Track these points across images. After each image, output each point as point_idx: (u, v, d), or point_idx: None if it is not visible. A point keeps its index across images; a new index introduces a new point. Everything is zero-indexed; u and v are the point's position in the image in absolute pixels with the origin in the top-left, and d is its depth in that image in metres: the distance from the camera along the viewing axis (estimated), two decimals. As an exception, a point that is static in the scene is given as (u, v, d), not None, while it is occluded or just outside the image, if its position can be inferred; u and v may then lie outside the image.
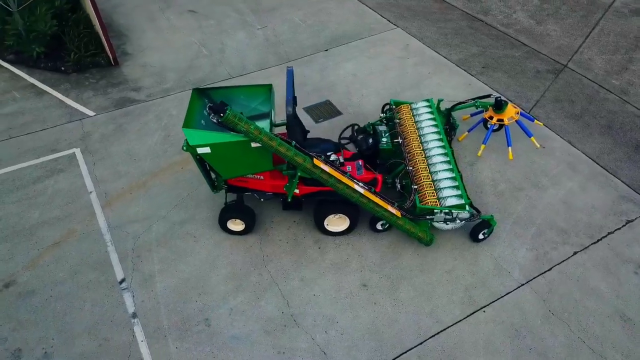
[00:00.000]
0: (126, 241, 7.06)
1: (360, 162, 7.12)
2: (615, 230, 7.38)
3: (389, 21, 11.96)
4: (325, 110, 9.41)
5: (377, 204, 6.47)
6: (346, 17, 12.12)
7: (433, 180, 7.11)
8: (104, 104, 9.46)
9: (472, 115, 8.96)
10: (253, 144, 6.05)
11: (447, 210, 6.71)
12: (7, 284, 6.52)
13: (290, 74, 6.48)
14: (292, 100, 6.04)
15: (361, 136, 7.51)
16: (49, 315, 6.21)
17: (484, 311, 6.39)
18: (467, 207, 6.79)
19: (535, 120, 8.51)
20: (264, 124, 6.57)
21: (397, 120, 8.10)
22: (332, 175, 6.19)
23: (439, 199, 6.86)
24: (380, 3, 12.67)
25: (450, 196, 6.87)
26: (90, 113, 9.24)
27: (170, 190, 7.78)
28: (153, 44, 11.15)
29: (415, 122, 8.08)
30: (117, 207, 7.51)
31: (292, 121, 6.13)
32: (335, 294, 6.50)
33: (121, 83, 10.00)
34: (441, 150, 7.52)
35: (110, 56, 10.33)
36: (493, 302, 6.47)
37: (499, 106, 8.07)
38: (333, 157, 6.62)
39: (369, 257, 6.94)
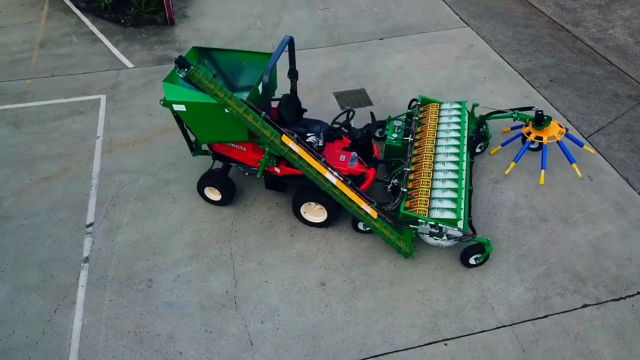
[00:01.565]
0: (109, 189, 7.08)
1: (355, 153, 6.50)
2: (649, 291, 6.03)
3: (461, 18, 10.95)
4: (355, 98, 8.80)
5: (350, 198, 5.82)
6: (415, 9, 11.31)
7: (431, 188, 6.28)
8: (145, 59, 9.66)
9: (512, 128, 7.87)
10: (227, 109, 5.70)
11: (433, 223, 5.88)
12: (-10, 205, 6.85)
13: (284, 45, 6.01)
14: (270, 69, 5.58)
15: (368, 124, 6.84)
16: (13, 242, 6.39)
17: (446, 344, 5.50)
18: (459, 225, 5.90)
19: (585, 146, 7.22)
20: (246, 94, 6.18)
21: (416, 118, 7.30)
22: (302, 157, 5.66)
23: (430, 208, 6.04)
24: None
25: (443, 208, 6.01)
26: (130, 65, 9.48)
27: (170, 149, 7.70)
28: (213, 10, 11.21)
29: (438, 123, 7.24)
30: (115, 156, 7.58)
31: (267, 92, 5.66)
32: (288, 286, 5.98)
33: (169, 42, 10.17)
34: (454, 158, 6.64)
35: (167, 15, 10.54)
36: (460, 336, 5.56)
37: (539, 121, 6.96)
38: (311, 139, 6.06)
39: (340, 257, 6.31)
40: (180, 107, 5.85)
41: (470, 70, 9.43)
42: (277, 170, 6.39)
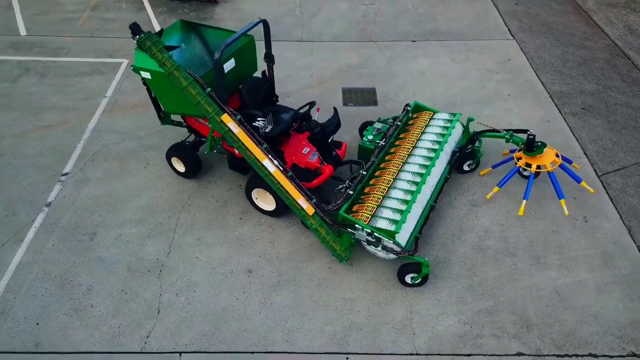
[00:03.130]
0: (95, 145, 7.50)
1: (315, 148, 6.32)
2: (605, 356, 5.26)
3: (509, 30, 10.18)
4: (362, 97, 8.53)
5: (287, 190, 5.67)
6: (463, 15, 10.68)
7: (384, 196, 5.94)
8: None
9: (511, 152, 7.19)
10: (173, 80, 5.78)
11: (369, 230, 5.56)
12: (-8, 142, 7.54)
13: (251, 25, 5.95)
14: (225, 47, 5.55)
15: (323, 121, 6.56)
16: (-3, 177, 7.00)
17: (347, 358, 5.20)
18: (397, 238, 5.54)
19: (583, 182, 6.39)
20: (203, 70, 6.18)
21: (398, 123, 6.93)
22: (240, 140, 5.59)
23: (373, 216, 5.73)
24: (516, 10, 10.84)
25: (385, 218, 5.67)
26: (157, 27, 9.92)
27: (164, 118, 7.97)
28: (258, -5, 11.40)
29: (423, 132, 6.83)
30: (113, 116, 8.00)
31: (218, 69, 5.63)
32: (215, 266, 5.98)
33: (206, 19, 10.50)
34: (421, 170, 6.23)
35: (211, -6, 10.89)
36: (366, 354, 5.22)
37: (530, 147, 6.29)
38: (259, 124, 5.95)
39: (278, 248, 6.18)
40: (147, 75, 6.02)
41: (496, 85, 8.74)
42: (237, 151, 6.38)
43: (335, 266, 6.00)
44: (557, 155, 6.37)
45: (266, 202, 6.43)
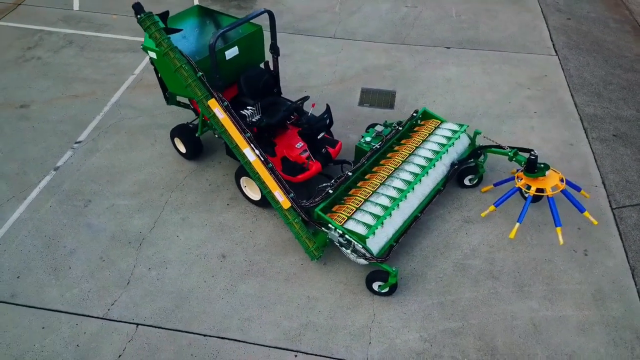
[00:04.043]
0: (112, 118, 7.87)
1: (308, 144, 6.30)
2: (570, 399, 4.89)
3: (553, 46, 9.61)
4: (380, 99, 8.38)
5: (264, 181, 5.68)
6: (508, 26, 10.20)
7: (367, 200, 5.84)
8: (215, 18, 10.32)
9: (518, 171, 6.81)
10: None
11: (341, 232, 5.49)
12: (22, 106, 8.08)
13: (253, 15, 5.99)
14: (220, 33, 5.62)
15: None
16: (18, 138, 7.50)
17: (296, 355, 5.16)
18: (368, 243, 5.42)
19: (586, 212, 5.94)
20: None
21: (400, 128, 6.75)
22: (224, 126, 5.67)
23: (350, 218, 5.64)
24: (567, 25, 10.21)
25: (360, 222, 5.57)
26: (200, 21, 10.23)
27: (181, 100, 8.24)
28: (303, -12, 11.45)
29: (425, 140, 6.63)
30: (135, 93, 8.36)
31: (213, 54, 5.72)
32: (192, 247, 6.11)
33: (244, 8, 10.70)
34: (411, 178, 6.06)
35: (256, -16, 11.07)
36: (315, 355, 5.16)
37: (531, 168, 5.93)
38: (247, 112, 5.99)
39: (257, 238, 6.23)
40: (153, 55, 6.24)
41: (523, 101, 8.30)
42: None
43: (307, 264, 5.96)
44: (561, 180, 5.97)
45: (253, 191, 6.49)
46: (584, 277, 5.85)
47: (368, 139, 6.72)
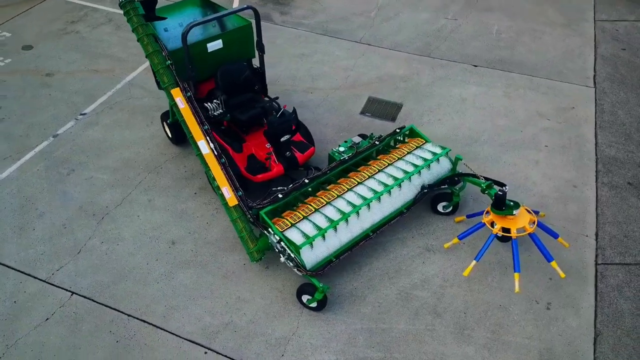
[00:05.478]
0: (121, 96, 8.26)
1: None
2: None
3: (594, 77, 8.77)
4: (383, 110, 8.11)
5: (214, 175, 5.69)
6: (549, 49, 9.44)
7: (317, 210, 5.69)
8: (250, 11, 10.46)
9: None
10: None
11: (279, 237, 5.39)
12: (47, 74, 8.70)
13: (236, 10, 6.01)
14: (193, 25, 5.69)
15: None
16: (35, 104, 8.09)
17: (206, 352, 5.15)
18: (302, 254, 5.29)
19: (554, 262, 5.38)
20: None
21: (377, 142, 6.49)
22: (182, 115, 5.74)
23: (293, 225, 5.53)
24: (618, 56, 9.27)
25: (301, 231, 5.44)
26: (234, 12, 10.43)
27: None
28: (346, -10, 11.31)
29: (400, 158, 6.33)
30: (150, 75, 8.66)
31: (184, 45, 5.81)
32: (147, 229, 6.28)
33: (280, 4, 10.75)
34: (369, 194, 5.82)
35: (298, -19, 11.10)
36: (225, 356, 5.11)
37: (498, 204, 5.48)
38: (210, 106, 6.01)
39: (211, 231, 6.28)
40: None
41: (537, 132, 7.66)
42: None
43: (250, 266, 5.91)
44: (532, 223, 5.45)
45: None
46: (537, 332, 5.31)
47: (342, 148, 6.53)
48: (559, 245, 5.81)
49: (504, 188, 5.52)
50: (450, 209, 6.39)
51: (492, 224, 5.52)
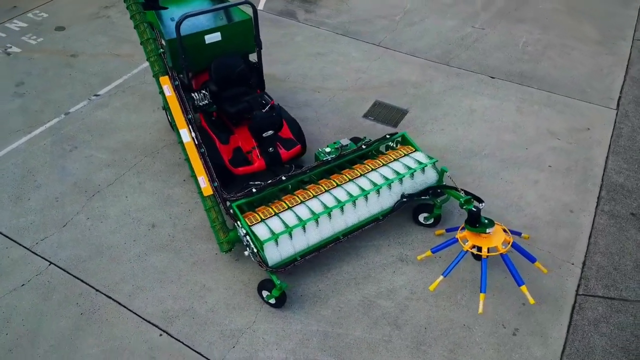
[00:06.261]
0: (135, 80, 8.56)
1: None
2: None
3: (619, 99, 8.30)
4: (387, 115, 7.99)
5: (192, 163, 5.80)
6: (576, 66, 9.01)
7: (290, 208, 5.71)
8: (275, 7, 10.60)
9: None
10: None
11: (246, 231, 5.46)
12: (72, 55, 9.14)
13: (229, 3, 6.08)
14: (185, 17, 5.82)
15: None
16: (55, 80, 8.53)
17: (161, 335, 5.27)
18: (265, 248, 5.33)
19: (524, 287, 5.14)
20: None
21: (363, 146, 6.43)
22: (167, 102, 5.89)
23: (263, 220, 5.58)
24: (650, 78, 8.72)
25: (270, 227, 5.47)
26: (260, 7, 10.58)
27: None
28: (375, -9, 11.21)
29: (385, 164, 6.24)
30: (166, 62, 8.98)
31: (178, 33, 5.95)
32: (132, 211, 6.48)
33: (307, 2, 10.80)
34: (344, 197, 5.78)
35: (328, -20, 11.10)
36: (178, 340, 5.22)
37: (471, 220, 5.31)
38: (197, 96, 6.12)
39: (191, 218, 6.41)
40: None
41: (543, 151, 7.33)
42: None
43: (221, 255, 6.00)
44: (505, 244, 5.25)
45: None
46: (497, 356, 5.10)
47: (328, 149, 6.49)
48: (540, 270, 5.53)
49: (479, 205, 5.35)
50: (432, 220, 6.23)
51: (465, 241, 5.35)
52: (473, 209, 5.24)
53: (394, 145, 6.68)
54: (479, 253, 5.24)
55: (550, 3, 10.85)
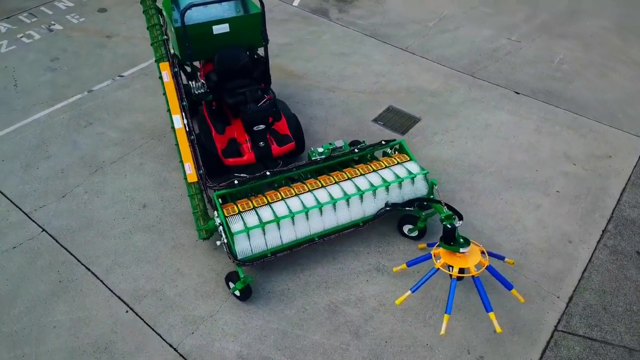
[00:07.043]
0: (147, 73, 8.83)
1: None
2: None
3: (651, 127, 7.72)
4: (398, 122, 7.83)
5: (180, 149, 5.92)
6: (614, 89, 8.45)
7: (269, 203, 5.74)
8: (310, 5, 10.61)
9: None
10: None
11: (220, 221, 5.53)
12: (107, 36, 9.55)
13: None
14: (191, 4, 5.94)
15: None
16: (87, 58, 8.97)
17: (127, 311, 5.44)
18: (237, 242, 5.40)
19: (492, 314, 4.91)
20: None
21: (356, 150, 6.33)
22: (164, 89, 6.03)
23: (242, 213, 5.63)
24: (694, 109, 8.04)
25: (245, 220, 5.52)
26: (295, 4, 10.63)
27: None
28: (415, -5, 11.00)
29: (375, 170, 6.13)
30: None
31: (182, 22, 6.08)
32: (127, 189, 6.69)
33: (345, 2, 10.74)
34: (326, 199, 5.73)
35: (367, -19, 10.99)
36: (142, 319, 5.36)
37: (446, 237, 5.12)
38: (194, 84, 6.22)
39: (181, 202, 6.53)
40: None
41: (554, 175, 6.93)
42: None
43: (201, 242, 6.09)
44: (477, 266, 5.03)
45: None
46: (454, 382, 4.90)
47: (320, 149, 6.45)
48: (518, 299, 5.25)
49: (455, 222, 5.14)
50: (416, 233, 6.05)
51: (437, 258, 5.16)
52: (447, 226, 5.04)
53: (391, 152, 6.53)
54: (448, 272, 5.04)
55: (600, 20, 10.22)
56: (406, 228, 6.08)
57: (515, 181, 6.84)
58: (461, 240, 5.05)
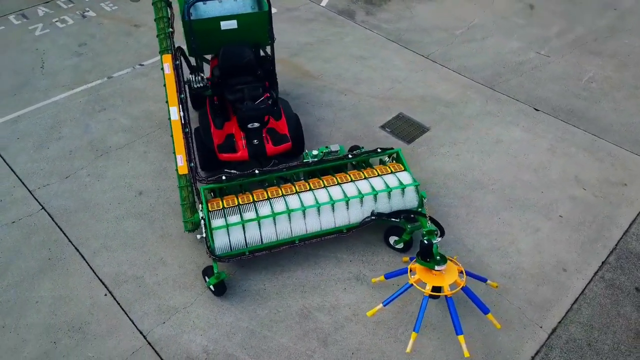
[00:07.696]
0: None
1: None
2: None
3: (676, 156, 7.23)
4: (405, 130, 7.67)
5: (174, 141, 6.00)
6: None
7: (254, 202, 5.76)
8: (338, 6, 10.54)
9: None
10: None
11: (203, 216, 5.59)
12: (135, 25, 9.82)
13: None
14: (191, 3, 6.03)
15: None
16: (113, 45, 9.26)
17: (105, 295, 5.59)
18: (216, 238, 5.45)
19: (461, 338, 4.75)
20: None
21: (350, 155, 6.24)
22: (165, 80, 6.13)
23: (226, 208, 5.68)
24: None
25: (226, 217, 5.57)
26: (323, 3, 10.60)
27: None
28: (445, 5, 10.71)
29: (367, 178, 6.04)
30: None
31: (188, 16, 6.17)
32: (127, 175, 6.87)
33: (373, 4, 10.61)
34: (310, 201, 5.70)
35: (398, -15, 10.81)
36: (118, 304, 5.50)
37: (422, 253, 4.97)
38: (194, 78, 6.29)
39: (176, 193, 6.60)
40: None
41: (560, 199, 6.61)
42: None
43: (189, 235, 6.17)
44: (451, 286, 4.87)
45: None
46: (415, 402, 4.76)
47: (315, 152, 6.40)
48: (494, 324, 5.05)
49: (433, 239, 4.97)
50: (402, 245, 5.91)
51: (413, 273, 5.03)
52: (424, 242, 4.89)
53: (387, 161, 6.41)
54: (421, 289, 4.89)
55: (639, 39, 9.66)
56: (392, 239, 5.95)
57: (517, 201, 6.57)
58: (438, 257, 4.89)
